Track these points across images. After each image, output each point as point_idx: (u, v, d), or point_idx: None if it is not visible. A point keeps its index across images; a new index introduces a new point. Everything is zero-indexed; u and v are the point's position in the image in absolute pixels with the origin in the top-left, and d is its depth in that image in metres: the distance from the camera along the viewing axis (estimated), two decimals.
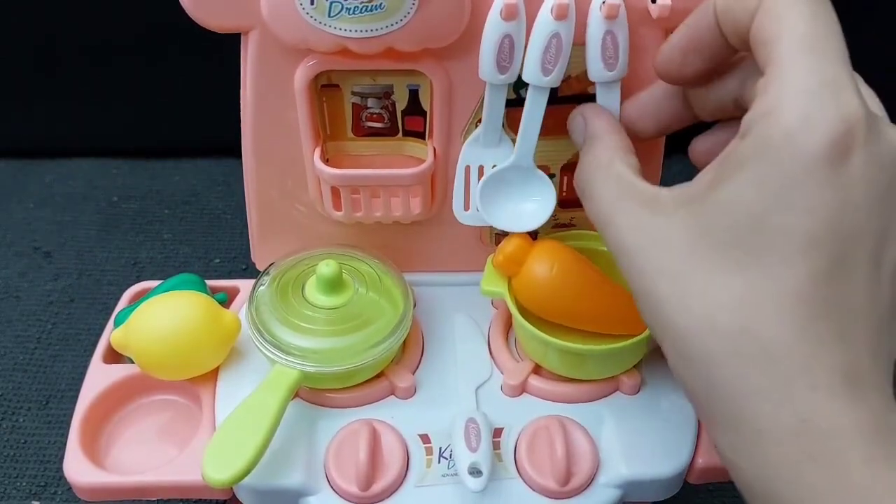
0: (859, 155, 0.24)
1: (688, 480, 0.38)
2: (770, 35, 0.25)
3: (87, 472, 0.37)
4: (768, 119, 0.24)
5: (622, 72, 0.36)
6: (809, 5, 0.25)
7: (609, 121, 0.35)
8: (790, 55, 0.24)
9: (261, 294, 0.39)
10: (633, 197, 0.29)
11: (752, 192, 0.24)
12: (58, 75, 0.69)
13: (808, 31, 0.25)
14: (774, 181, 0.24)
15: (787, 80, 0.24)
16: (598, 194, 0.31)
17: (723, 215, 0.25)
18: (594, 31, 0.35)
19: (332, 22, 0.34)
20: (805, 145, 0.23)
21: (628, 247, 0.28)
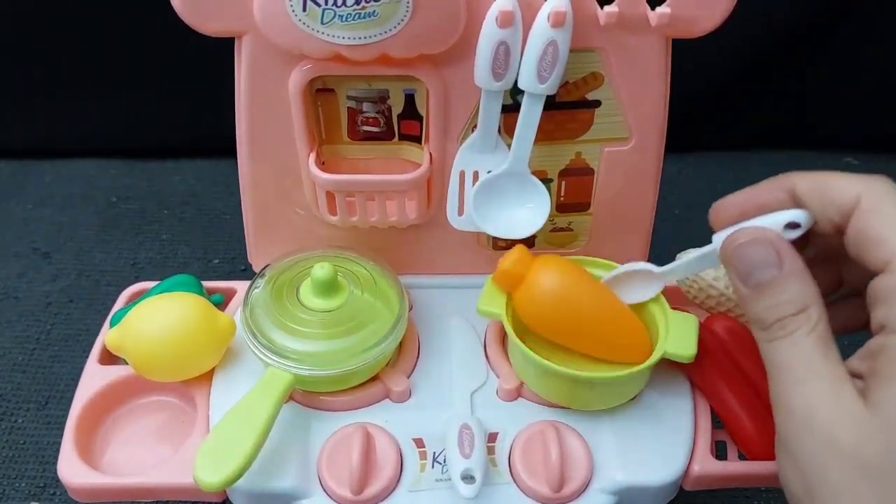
0: None
1: (683, 487, 0.38)
2: (884, 237, 0.28)
3: (81, 473, 0.37)
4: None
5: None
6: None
7: (813, 281, 0.30)
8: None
9: (255, 296, 0.39)
10: (850, 386, 0.28)
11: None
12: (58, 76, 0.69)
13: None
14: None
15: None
16: (811, 379, 0.28)
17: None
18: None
19: (325, 29, 0.34)
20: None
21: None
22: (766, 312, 0.29)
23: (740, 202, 0.33)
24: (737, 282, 0.31)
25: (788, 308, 0.29)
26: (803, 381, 0.28)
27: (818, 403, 0.27)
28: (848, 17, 0.68)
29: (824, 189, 0.30)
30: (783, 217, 0.30)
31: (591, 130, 0.40)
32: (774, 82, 0.72)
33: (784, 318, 0.29)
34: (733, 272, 0.31)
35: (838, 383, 0.27)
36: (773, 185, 0.32)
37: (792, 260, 0.30)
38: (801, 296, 0.29)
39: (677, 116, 0.41)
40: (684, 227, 0.68)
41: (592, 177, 0.42)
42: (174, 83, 0.69)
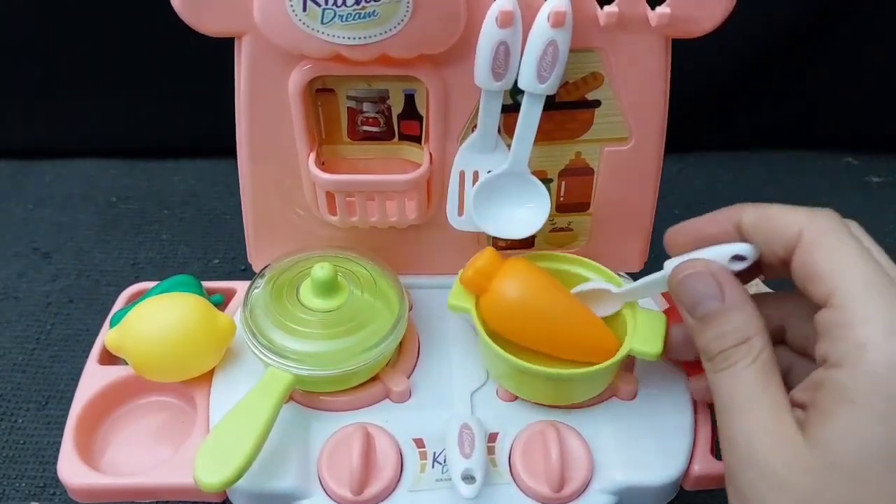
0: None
1: (683, 487, 0.38)
2: (827, 271, 0.28)
3: (81, 473, 0.37)
4: (864, 354, 0.26)
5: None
6: (858, 241, 0.28)
7: (757, 313, 0.31)
8: (861, 292, 0.27)
9: (255, 297, 0.39)
10: (789, 418, 0.28)
11: (867, 426, 0.26)
12: (57, 75, 0.69)
13: (867, 268, 0.27)
14: (887, 412, 0.25)
15: (870, 317, 0.26)
16: (750, 410, 0.29)
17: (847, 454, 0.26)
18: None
19: (325, 29, 0.34)
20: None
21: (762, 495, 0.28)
22: (711, 344, 0.30)
23: (692, 231, 0.34)
24: (684, 313, 0.32)
25: (731, 339, 0.30)
26: (744, 413, 0.28)
27: (757, 435, 0.28)
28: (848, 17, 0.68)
29: (768, 222, 0.31)
30: (729, 250, 0.31)
31: (591, 130, 0.40)
32: (774, 82, 0.72)
33: (727, 350, 0.30)
34: (679, 303, 0.32)
35: (778, 414, 0.28)
36: (721, 216, 0.33)
37: (734, 292, 0.30)
38: (743, 327, 0.30)
39: (677, 116, 0.41)
40: None
41: (592, 177, 0.42)
42: (174, 83, 0.69)
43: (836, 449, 0.26)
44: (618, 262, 0.45)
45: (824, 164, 0.76)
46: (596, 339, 0.38)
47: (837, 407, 0.26)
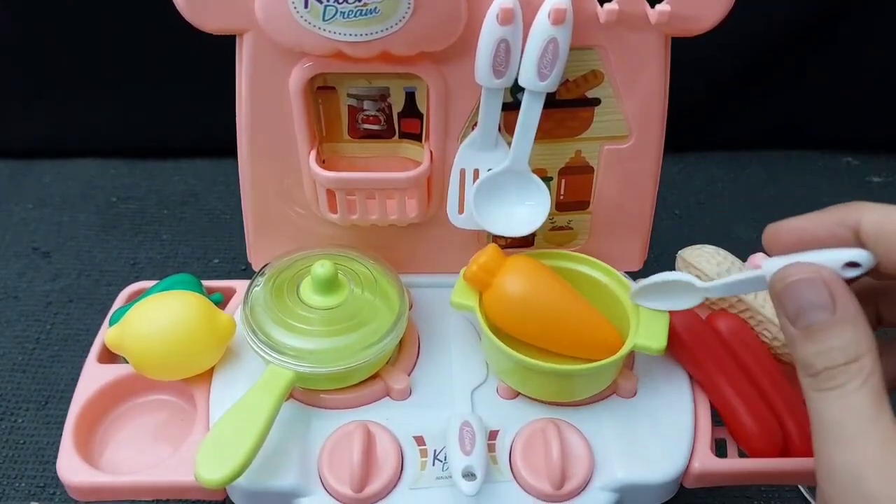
0: None
1: (684, 484, 0.38)
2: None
3: (80, 471, 0.37)
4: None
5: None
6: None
7: (869, 329, 0.28)
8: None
9: (255, 294, 0.39)
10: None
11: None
12: (58, 75, 0.69)
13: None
14: None
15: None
16: (858, 441, 0.26)
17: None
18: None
19: (327, 25, 0.34)
20: None
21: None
22: (815, 358, 0.27)
23: (797, 230, 0.30)
24: (784, 320, 0.29)
25: (839, 357, 0.27)
26: (851, 442, 0.26)
27: (866, 469, 0.25)
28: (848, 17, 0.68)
29: (891, 231, 0.28)
30: (843, 255, 0.28)
31: (591, 128, 0.40)
32: (774, 82, 0.72)
33: (834, 368, 0.27)
34: (781, 310, 0.29)
35: (890, 448, 0.25)
36: (832, 216, 0.29)
37: (847, 304, 0.27)
38: (854, 344, 0.27)
39: (677, 116, 0.42)
40: (684, 227, 0.69)
41: (592, 175, 0.42)
42: (174, 83, 0.69)
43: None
44: (617, 261, 0.45)
45: (824, 164, 0.76)
46: (599, 336, 0.38)
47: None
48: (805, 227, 0.30)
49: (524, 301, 0.37)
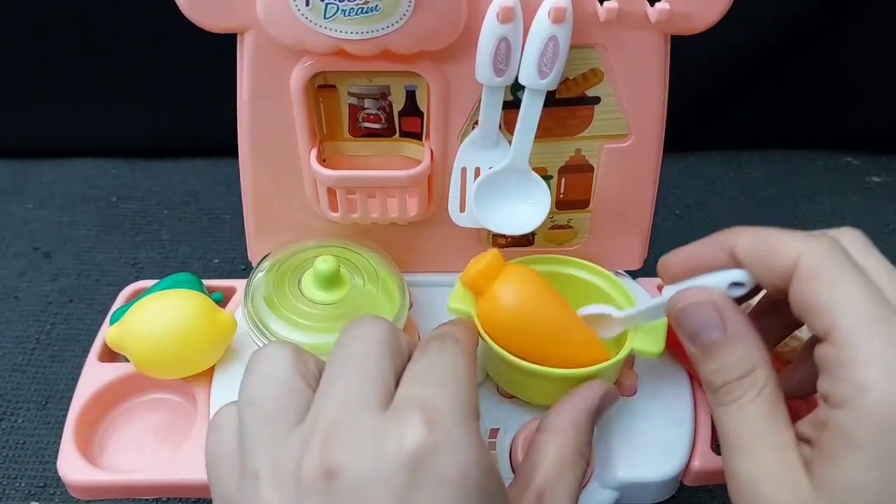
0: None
1: (684, 482, 0.38)
2: (825, 305, 0.27)
3: (81, 470, 0.37)
4: (865, 396, 0.25)
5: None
6: (858, 273, 0.27)
7: (760, 342, 0.30)
8: (861, 331, 0.26)
9: (257, 287, 0.40)
10: (796, 458, 0.27)
11: (872, 472, 0.25)
12: (58, 75, 0.69)
13: (867, 304, 0.26)
14: (890, 458, 0.25)
15: (871, 358, 0.25)
16: (754, 450, 0.28)
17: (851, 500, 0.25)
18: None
19: (328, 23, 0.34)
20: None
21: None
22: (713, 375, 0.29)
23: (685, 259, 0.33)
24: (685, 342, 0.31)
25: (734, 371, 0.29)
26: (749, 451, 0.28)
27: (763, 476, 0.27)
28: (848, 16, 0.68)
29: (764, 252, 0.29)
30: (727, 277, 0.30)
31: (591, 127, 0.40)
32: (774, 82, 0.72)
33: (730, 383, 0.29)
34: (680, 332, 0.31)
35: (784, 453, 0.27)
36: (714, 242, 0.32)
37: (735, 322, 0.29)
38: (746, 358, 0.29)
39: (677, 115, 0.42)
40: (684, 227, 0.69)
41: (592, 174, 0.42)
42: (174, 83, 0.69)
43: (841, 496, 0.25)
44: (617, 260, 0.45)
45: (824, 164, 0.76)
46: (588, 358, 0.36)
47: (841, 450, 0.25)
48: (691, 253, 0.33)
49: (513, 317, 0.36)
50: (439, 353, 0.29)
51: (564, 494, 0.30)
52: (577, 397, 0.34)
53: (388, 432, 0.25)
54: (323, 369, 0.29)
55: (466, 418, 0.26)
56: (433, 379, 0.28)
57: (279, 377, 0.28)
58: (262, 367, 0.28)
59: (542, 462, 0.31)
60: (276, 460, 0.25)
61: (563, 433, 0.32)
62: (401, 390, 0.27)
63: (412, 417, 0.25)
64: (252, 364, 0.29)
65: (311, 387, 0.28)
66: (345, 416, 0.26)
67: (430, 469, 0.24)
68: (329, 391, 0.27)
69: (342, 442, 0.25)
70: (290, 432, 0.26)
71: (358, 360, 0.28)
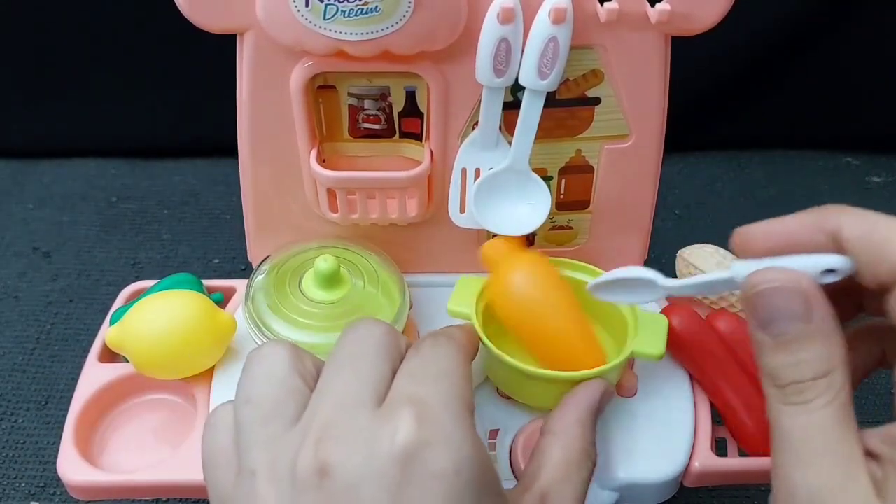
0: None
1: (684, 483, 0.38)
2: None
3: (81, 470, 0.37)
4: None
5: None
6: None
7: (842, 342, 0.26)
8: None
9: (258, 287, 0.40)
10: (865, 475, 0.24)
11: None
12: (58, 75, 0.69)
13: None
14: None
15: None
16: (822, 461, 0.25)
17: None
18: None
19: (328, 24, 0.34)
20: None
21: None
22: (783, 370, 0.26)
23: (772, 234, 0.29)
24: (754, 325, 0.27)
25: (809, 370, 0.26)
26: (813, 461, 0.25)
27: (828, 492, 0.24)
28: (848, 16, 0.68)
29: (876, 242, 0.26)
30: (822, 262, 0.26)
31: (591, 128, 0.40)
32: (774, 82, 0.72)
33: (803, 382, 0.26)
34: (751, 315, 0.27)
35: (853, 471, 0.24)
36: (813, 221, 0.28)
37: (823, 315, 0.26)
38: (825, 358, 0.25)
39: (677, 115, 0.42)
40: (684, 227, 0.69)
41: (592, 174, 0.42)
42: (174, 83, 0.69)
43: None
44: (617, 261, 0.45)
45: (824, 164, 0.76)
46: (585, 359, 0.36)
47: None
48: (779, 230, 0.28)
49: (522, 301, 0.36)
50: (432, 350, 0.29)
51: (570, 496, 0.30)
52: (577, 397, 0.34)
53: (380, 430, 0.25)
54: (321, 368, 0.29)
55: (459, 413, 0.26)
56: (426, 375, 0.28)
57: (277, 376, 0.28)
58: (259, 365, 0.28)
59: (546, 464, 0.31)
60: (273, 458, 0.25)
61: (566, 434, 0.32)
62: (394, 388, 0.27)
63: (404, 414, 0.25)
64: (250, 362, 0.29)
65: (308, 385, 0.28)
66: (339, 415, 0.26)
67: (423, 464, 0.24)
68: (325, 390, 0.27)
69: (335, 440, 0.25)
70: (287, 431, 0.26)
71: (355, 360, 0.28)
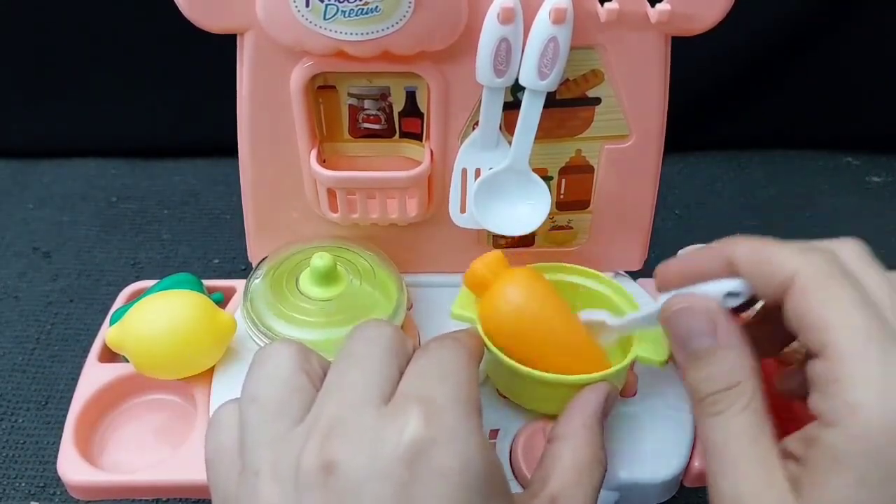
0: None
1: (684, 483, 0.38)
2: (820, 321, 0.26)
3: (81, 470, 0.37)
4: (857, 416, 0.24)
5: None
6: (855, 289, 0.26)
7: (750, 354, 0.29)
8: (856, 349, 0.25)
9: (255, 287, 0.40)
10: (782, 478, 0.26)
11: (861, 493, 0.24)
12: (58, 75, 0.69)
13: (863, 321, 0.25)
14: (879, 479, 0.24)
15: (864, 377, 0.25)
16: (740, 467, 0.27)
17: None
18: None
19: (328, 24, 0.34)
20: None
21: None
22: (700, 384, 0.29)
23: (681, 267, 0.32)
24: (675, 348, 0.30)
25: (721, 382, 0.28)
26: (732, 466, 0.27)
27: (747, 493, 0.26)
28: (848, 16, 0.68)
29: (761, 263, 0.29)
30: (722, 286, 0.30)
31: (591, 128, 0.40)
32: (774, 82, 0.72)
33: (717, 393, 0.28)
34: (671, 338, 0.31)
35: (769, 471, 0.26)
36: (711, 251, 0.31)
37: (727, 331, 0.29)
38: (735, 369, 0.28)
39: (677, 115, 0.42)
40: (684, 227, 0.69)
41: (592, 174, 0.42)
42: (174, 83, 0.69)
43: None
44: (617, 261, 0.45)
45: (824, 164, 0.76)
46: (583, 366, 0.36)
47: (830, 469, 0.25)
48: (688, 262, 0.32)
49: (512, 319, 0.36)
50: (439, 352, 0.29)
51: (580, 502, 0.30)
52: (583, 401, 0.34)
53: (386, 428, 0.25)
54: (328, 368, 0.29)
55: (466, 412, 0.26)
56: (433, 376, 0.28)
57: (283, 375, 0.28)
58: (266, 364, 0.28)
59: (555, 469, 0.31)
60: (277, 456, 0.25)
61: (576, 438, 0.32)
62: (401, 387, 0.27)
63: (411, 412, 0.25)
64: (256, 361, 0.29)
65: (314, 385, 0.28)
66: (345, 413, 0.26)
67: (429, 462, 0.24)
68: (332, 390, 0.27)
69: (341, 437, 0.25)
70: (292, 429, 0.26)
71: (362, 360, 0.28)
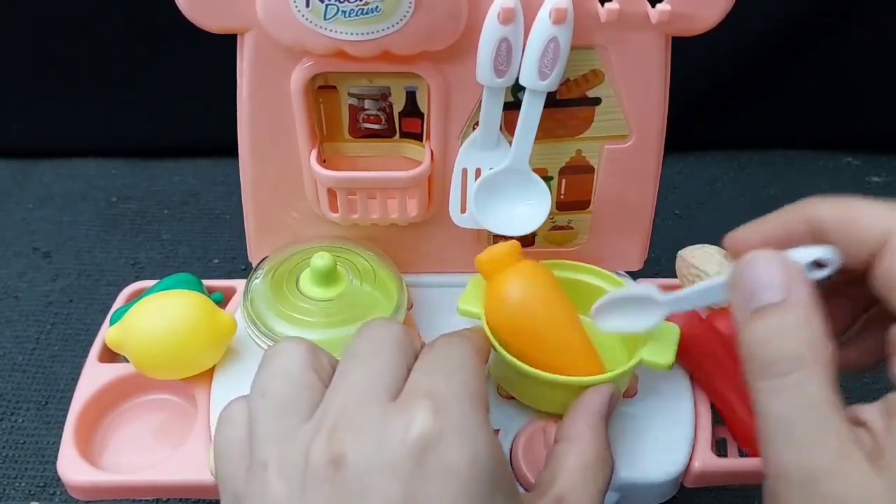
0: None
1: (684, 484, 0.38)
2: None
3: (81, 470, 0.37)
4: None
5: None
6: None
7: (823, 326, 0.25)
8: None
9: (255, 287, 0.40)
10: (857, 450, 0.24)
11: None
12: (58, 75, 0.69)
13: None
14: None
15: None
16: (812, 440, 0.24)
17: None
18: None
19: (328, 24, 0.34)
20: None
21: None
22: (763, 346, 0.25)
23: (759, 232, 0.29)
24: (738, 306, 0.26)
25: (791, 345, 0.24)
26: (805, 440, 0.24)
27: (822, 469, 0.23)
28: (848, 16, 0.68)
29: (851, 224, 0.26)
30: (809, 254, 0.26)
31: (592, 128, 0.40)
32: (774, 82, 0.72)
33: (784, 360, 0.24)
34: (736, 295, 0.27)
35: (846, 445, 0.23)
36: (790, 214, 0.28)
37: (802, 287, 0.25)
38: (807, 331, 0.24)
39: (677, 115, 0.42)
40: (684, 227, 0.69)
41: (592, 174, 0.42)
42: (174, 83, 0.69)
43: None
44: (617, 261, 0.45)
45: (824, 164, 0.76)
46: (581, 367, 0.36)
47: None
48: (765, 227, 0.29)
49: (515, 312, 0.36)
50: (447, 348, 0.29)
51: (586, 502, 0.29)
52: (587, 402, 0.33)
53: (394, 422, 0.25)
54: (336, 366, 0.29)
55: (474, 407, 0.26)
56: (440, 371, 0.28)
57: (293, 372, 0.28)
58: (276, 361, 0.28)
59: (561, 470, 0.30)
60: (285, 451, 0.25)
61: (581, 439, 0.32)
62: (409, 383, 0.27)
63: (418, 406, 0.25)
64: (266, 359, 0.29)
65: (323, 382, 0.28)
66: (354, 407, 0.26)
67: (437, 456, 0.24)
68: (340, 385, 0.27)
69: (349, 432, 0.25)
70: (301, 425, 0.26)
71: (371, 356, 0.28)
